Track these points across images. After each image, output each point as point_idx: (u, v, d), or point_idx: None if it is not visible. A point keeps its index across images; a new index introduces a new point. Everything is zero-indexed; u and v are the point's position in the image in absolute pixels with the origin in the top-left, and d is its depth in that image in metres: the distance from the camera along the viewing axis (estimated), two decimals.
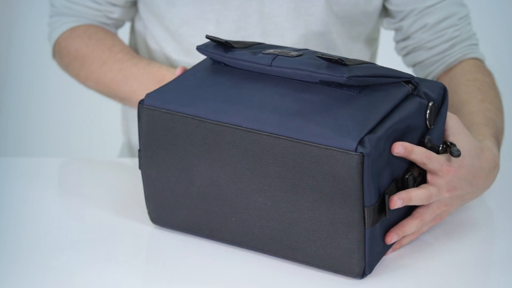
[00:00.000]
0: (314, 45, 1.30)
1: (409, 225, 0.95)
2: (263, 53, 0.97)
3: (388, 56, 1.38)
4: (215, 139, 0.93)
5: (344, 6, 1.28)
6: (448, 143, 0.97)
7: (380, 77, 0.93)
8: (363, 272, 0.91)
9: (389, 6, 1.30)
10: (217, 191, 0.94)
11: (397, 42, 1.35)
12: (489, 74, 1.27)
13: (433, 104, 0.95)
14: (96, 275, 0.92)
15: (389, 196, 0.91)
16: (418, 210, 0.97)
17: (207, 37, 0.99)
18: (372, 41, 1.39)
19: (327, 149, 0.87)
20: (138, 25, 1.39)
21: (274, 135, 0.90)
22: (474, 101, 1.19)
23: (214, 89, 0.96)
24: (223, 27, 1.28)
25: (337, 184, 0.88)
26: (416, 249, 0.99)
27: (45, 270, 0.93)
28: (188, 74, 1.01)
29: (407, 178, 0.93)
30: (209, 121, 0.93)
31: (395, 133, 0.91)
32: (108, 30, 1.35)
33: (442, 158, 0.96)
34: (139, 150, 0.99)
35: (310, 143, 0.88)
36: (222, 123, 0.92)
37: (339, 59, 0.91)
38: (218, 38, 0.99)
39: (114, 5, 1.33)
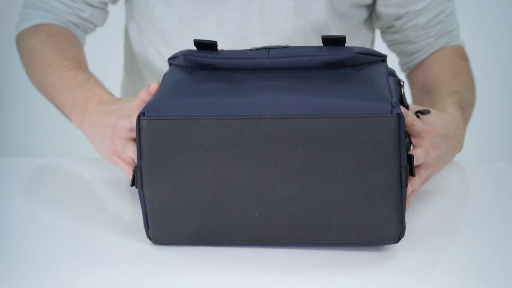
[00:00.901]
0: (314, 43, 1.30)
1: (414, 180, 1.00)
2: (251, 50, 0.97)
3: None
4: (234, 135, 0.90)
5: (345, 3, 1.29)
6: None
7: (371, 55, 0.97)
8: (399, 237, 0.92)
9: (383, 9, 1.31)
10: (237, 189, 0.91)
11: (383, 33, 1.38)
12: (466, 59, 1.34)
13: (401, 80, 1.01)
14: (95, 277, 0.92)
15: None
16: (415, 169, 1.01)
17: (195, 41, 0.97)
18: (369, 29, 1.41)
19: (363, 117, 0.88)
20: (132, 29, 1.39)
21: (303, 117, 0.89)
22: (445, 78, 1.27)
23: (214, 88, 0.93)
24: (223, 27, 1.28)
25: (375, 150, 0.89)
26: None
27: (45, 270, 0.93)
28: (172, 82, 0.96)
29: (406, 141, 0.97)
30: (225, 117, 0.90)
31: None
32: (72, 34, 1.32)
33: (420, 120, 1.02)
34: (139, 168, 0.92)
35: (343, 116, 0.88)
36: (240, 117, 0.90)
37: (344, 38, 0.94)
38: (207, 40, 0.97)
39: (87, 3, 1.32)
